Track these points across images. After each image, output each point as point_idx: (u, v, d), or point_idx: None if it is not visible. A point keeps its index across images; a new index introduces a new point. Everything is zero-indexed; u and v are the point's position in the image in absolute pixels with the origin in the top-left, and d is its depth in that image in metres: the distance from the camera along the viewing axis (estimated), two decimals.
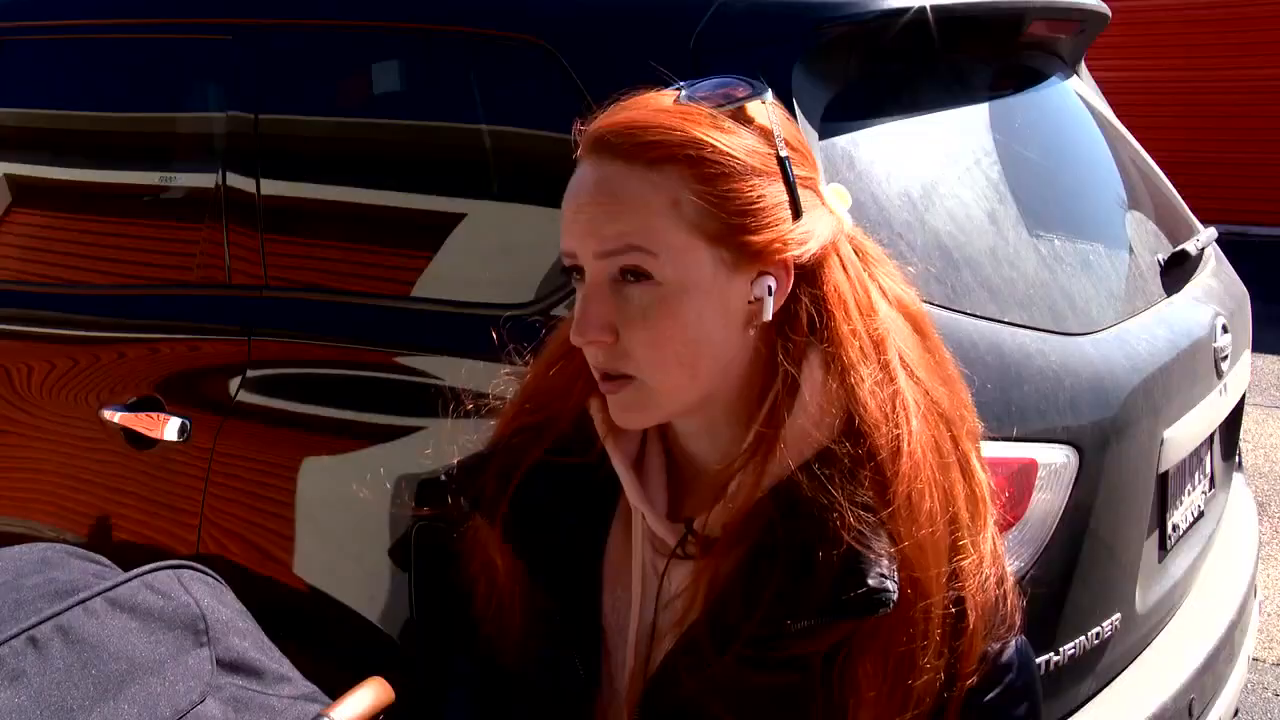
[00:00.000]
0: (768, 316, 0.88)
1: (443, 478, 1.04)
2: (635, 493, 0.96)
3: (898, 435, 0.87)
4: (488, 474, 1.00)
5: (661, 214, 0.86)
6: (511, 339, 1.12)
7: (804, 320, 0.89)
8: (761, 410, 0.89)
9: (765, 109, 0.90)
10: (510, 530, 0.99)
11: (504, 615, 1.03)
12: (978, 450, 0.94)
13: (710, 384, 0.90)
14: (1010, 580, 0.92)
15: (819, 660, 0.86)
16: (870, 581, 0.83)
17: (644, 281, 0.87)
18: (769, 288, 0.88)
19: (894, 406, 0.88)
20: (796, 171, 0.89)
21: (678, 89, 0.90)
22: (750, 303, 0.88)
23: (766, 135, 0.88)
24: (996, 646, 0.91)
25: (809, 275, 0.90)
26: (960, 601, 0.87)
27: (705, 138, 0.86)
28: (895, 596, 0.84)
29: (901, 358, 0.90)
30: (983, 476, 0.92)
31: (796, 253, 0.88)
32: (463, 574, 1.06)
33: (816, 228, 0.89)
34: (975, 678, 0.89)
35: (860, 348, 0.88)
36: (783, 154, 0.88)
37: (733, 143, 0.87)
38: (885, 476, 0.86)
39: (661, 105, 0.89)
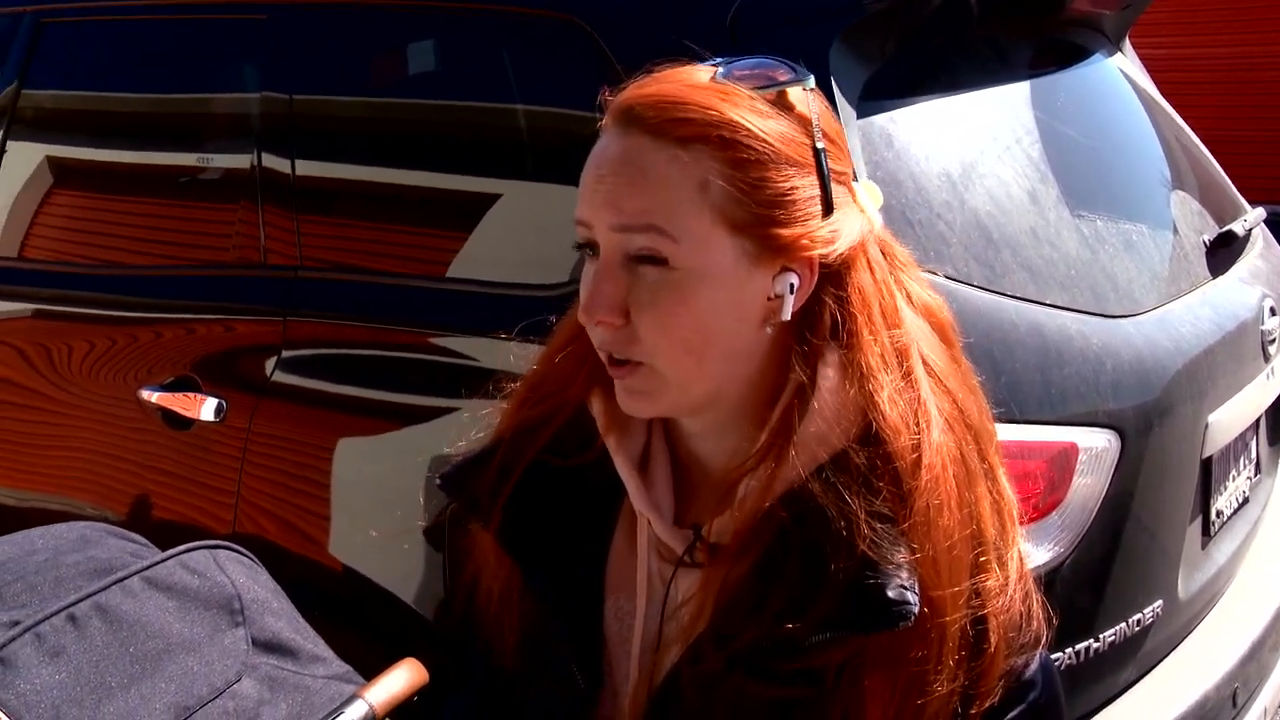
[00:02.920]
0: (786, 316, 0.83)
1: (436, 481, 1.00)
2: (640, 497, 0.90)
3: (918, 445, 0.82)
4: (486, 472, 0.95)
5: (687, 195, 0.81)
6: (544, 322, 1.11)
7: (826, 323, 0.85)
8: (774, 413, 0.85)
9: (806, 96, 0.85)
10: (507, 534, 0.94)
11: (501, 620, 0.98)
12: (1004, 464, 0.89)
13: (717, 377, 0.85)
14: (1036, 596, 0.87)
15: (830, 674, 0.82)
16: (890, 594, 0.79)
17: (660, 264, 0.82)
18: (791, 285, 0.83)
19: (915, 415, 0.83)
20: (831, 166, 0.83)
21: (714, 65, 0.86)
22: (770, 299, 0.84)
23: (805, 124, 0.83)
24: (1020, 662, 0.86)
25: (834, 276, 0.85)
26: (982, 621, 0.83)
27: (741, 120, 0.81)
28: (916, 609, 0.79)
29: (927, 366, 0.86)
30: (1010, 491, 0.88)
31: (823, 251, 0.83)
32: (464, 574, 1.02)
33: (846, 226, 0.84)
34: (997, 695, 0.85)
35: (882, 354, 0.83)
36: (819, 145, 0.83)
37: (769, 128, 0.82)
38: (904, 488, 0.81)
39: (697, 81, 0.84)
